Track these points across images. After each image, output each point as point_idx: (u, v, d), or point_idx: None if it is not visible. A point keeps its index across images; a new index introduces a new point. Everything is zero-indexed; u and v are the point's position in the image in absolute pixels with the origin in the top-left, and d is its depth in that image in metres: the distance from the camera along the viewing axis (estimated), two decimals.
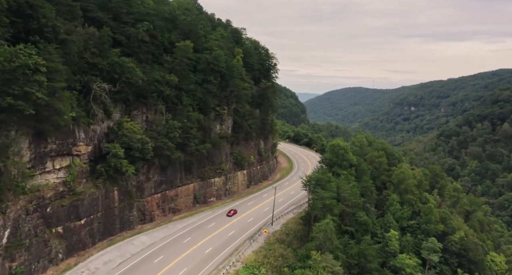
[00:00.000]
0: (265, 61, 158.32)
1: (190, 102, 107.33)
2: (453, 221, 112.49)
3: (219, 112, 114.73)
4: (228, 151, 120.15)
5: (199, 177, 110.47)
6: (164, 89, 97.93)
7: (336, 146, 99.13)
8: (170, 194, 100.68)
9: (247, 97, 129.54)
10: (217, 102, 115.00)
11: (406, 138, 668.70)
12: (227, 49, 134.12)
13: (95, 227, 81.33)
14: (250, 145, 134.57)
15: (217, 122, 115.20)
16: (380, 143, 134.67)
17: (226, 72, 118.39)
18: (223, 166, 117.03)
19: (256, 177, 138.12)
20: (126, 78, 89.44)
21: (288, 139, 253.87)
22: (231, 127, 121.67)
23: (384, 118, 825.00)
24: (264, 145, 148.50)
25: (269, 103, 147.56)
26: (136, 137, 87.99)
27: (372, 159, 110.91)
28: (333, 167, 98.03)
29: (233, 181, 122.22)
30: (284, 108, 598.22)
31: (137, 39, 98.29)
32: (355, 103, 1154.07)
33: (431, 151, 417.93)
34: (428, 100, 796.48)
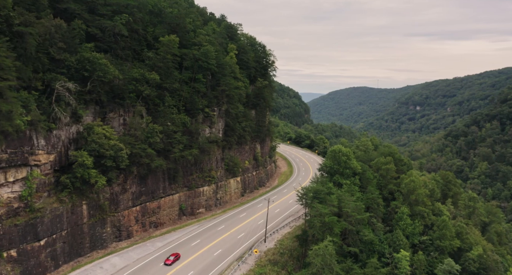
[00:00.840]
0: (262, 58, 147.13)
1: (175, 103, 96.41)
2: (470, 236, 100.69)
3: (208, 114, 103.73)
4: (219, 157, 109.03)
5: (186, 186, 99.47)
6: (143, 89, 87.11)
7: (337, 151, 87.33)
8: (151, 206, 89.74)
9: (240, 98, 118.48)
10: (206, 103, 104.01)
11: (412, 138, 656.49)
12: (219, 45, 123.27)
13: (58, 248, 70.48)
14: (245, 149, 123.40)
15: (206, 125, 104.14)
16: (386, 146, 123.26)
17: (217, 70, 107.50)
18: (213, 173, 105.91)
19: (252, 184, 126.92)
20: (98, 76, 78.78)
21: (289, 141, 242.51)
22: (223, 131, 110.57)
23: (389, 118, 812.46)
24: (260, 148, 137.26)
25: (265, 104, 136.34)
26: (108, 143, 77.17)
27: (378, 166, 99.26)
28: (334, 176, 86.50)
29: (225, 189, 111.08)
30: (287, 109, 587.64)
31: (113, 33, 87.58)
32: (360, 103, 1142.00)
33: (439, 151, 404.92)
34: (433, 99, 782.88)
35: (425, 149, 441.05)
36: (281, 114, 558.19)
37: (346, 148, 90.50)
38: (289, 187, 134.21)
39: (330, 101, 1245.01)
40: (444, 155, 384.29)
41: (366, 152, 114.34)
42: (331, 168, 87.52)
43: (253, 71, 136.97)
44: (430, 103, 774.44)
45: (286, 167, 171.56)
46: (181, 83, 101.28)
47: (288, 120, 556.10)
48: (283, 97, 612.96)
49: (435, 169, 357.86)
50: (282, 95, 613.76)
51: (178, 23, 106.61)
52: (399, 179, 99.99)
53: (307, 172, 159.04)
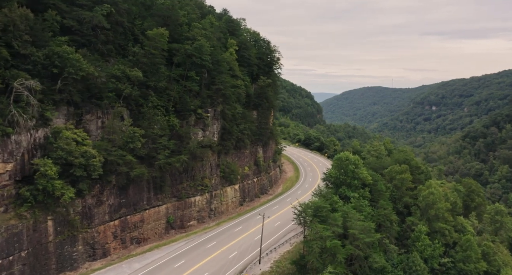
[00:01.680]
0: (266, 55, 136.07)
1: (163, 104, 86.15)
2: (498, 256, 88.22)
3: (201, 115, 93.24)
4: (214, 163, 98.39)
5: (175, 196, 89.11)
6: (123, 87, 77.01)
7: (344, 159, 75.60)
8: (132, 219, 79.58)
9: (239, 97, 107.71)
10: (199, 103, 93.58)
11: (427, 139, 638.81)
12: (217, 40, 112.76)
13: (16, 271, 60.65)
14: (244, 154, 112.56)
15: (198, 128, 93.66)
16: (402, 151, 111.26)
17: (211, 67, 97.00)
18: (207, 181, 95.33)
19: (252, 191, 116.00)
20: (69, 73, 69.01)
21: (298, 143, 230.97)
22: (218, 134, 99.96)
23: (404, 118, 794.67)
24: (263, 152, 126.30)
25: (269, 104, 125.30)
26: (79, 150, 67.22)
27: (392, 175, 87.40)
28: (340, 187, 74.95)
29: (221, 199, 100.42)
30: (298, 109, 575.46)
31: (92, 25, 77.73)
32: (374, 103, 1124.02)
33: (456, 153, 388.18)
34: (450, 99, 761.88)
35: (442, 150, 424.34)
36: (292, 115, 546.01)
37: (354, 155, 78.65)
38: (294, 195, 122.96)
39: (343, 101, 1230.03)
40: (462, 157, 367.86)
41: (378, 157, 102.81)
42: (337, 178, 75.86)
43: (255, 69, 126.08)
44: (446, 103, 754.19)
45: (292, 172, 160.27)
46: (171, 81, 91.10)
47: (299, 121, 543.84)
48: (294, 97, 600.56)
49: (452, 172, 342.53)
50: (293, 95, 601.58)
51: (170, 16, 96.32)
52: (416, 190, 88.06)
53: (314, 178, 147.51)
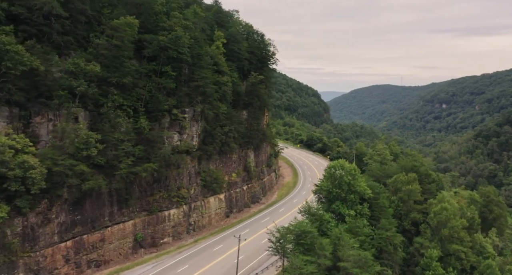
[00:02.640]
0: (259, 49, 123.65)
1: (131, 103, 74.26)
2: None
3: (177, 116, 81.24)
4: (193, 170, 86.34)
5: (145, 209, 77.25)
6: (76, 84, 65.29)
7: (337, 167, 62.86)
8: (90, 239, 67.83)
9: (225, 95, 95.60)
10: (175, 102, 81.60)
11: (437, 138, 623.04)
12: (201, 32, 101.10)
13: None
14: (231, 159, 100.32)
15: (173, 131, 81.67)
16: (409, 155, 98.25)
17: (190, 61, 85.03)
18: (184, 191, 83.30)
19: (241, 201, 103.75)
20: (7, 68, 57.72)
21: (300, 144, 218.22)
22: (198, 137, 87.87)
23: (413, 116, 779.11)
24: (255, 157, 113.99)
25: (261, 103, 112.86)
26: (15, 160, 55.68)
27: (397, 186, 74.44)
28: (334, 203, 62.27)
29: (201, 211, 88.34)
30: (305, 108, 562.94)
31: (45, 13, 66.23)
32: (383, 101, 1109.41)
33: (468, 153, 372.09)
34: (460, 97, 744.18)
35: (453, 150, 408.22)
36: (298, 114, 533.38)
37: (351, 164, 65.75)
38: (288, 204, 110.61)
39: (352, 99, 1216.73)
40: (474, 157, 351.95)
41: (382, 163, 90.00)
42: (329, 191, 63.17)
43: (246, 64, 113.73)
44: (457, 101, 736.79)
45: (290, 176, 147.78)
46: (142, 77, 79.35)
47: (306, 120, 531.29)
48: (301, 96, 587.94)
49: (464, 173, 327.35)
50: (300, 94, 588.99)
51: (143, 3, 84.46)
52: (426, 203, 74.96)
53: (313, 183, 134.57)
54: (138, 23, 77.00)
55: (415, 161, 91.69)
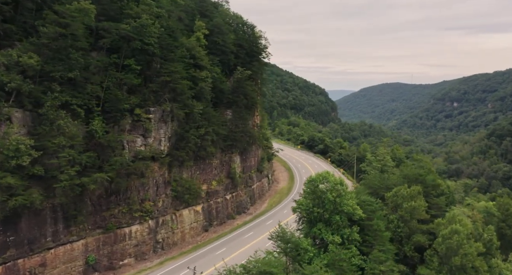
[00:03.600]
0: (249, 42, 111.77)
1: (82, 102, 62.75)
2: None
3: (140, 117, 69.65)
4: (162, 179, 74.63)
5: (99, 226, 65.73)
6: (7, 80, 54.12)
7: (320, 179, 50.17)
8: (27, 263, 56.46)
9: (203, 92, 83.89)
10: (138, 101, 70.06)
11: (448, 137, 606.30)
12: (178, 21, 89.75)
13: None
14: (211, 165, 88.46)
15: (136, 134, 70.08)
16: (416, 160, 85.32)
17: (158, 53, 73.53)
18: (148, 204, 71.60)
19: (224, 212, 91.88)
20: None
21: (301, 145, 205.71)
22: (169, 141, 76.19)
23: (423, 115, 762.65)
24: (241, 162, 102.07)
25: (248, 101, 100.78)
26: None
27: (397, 201, 61.53)
28: (316, 225, 49.78)
29: (172, 226, 76.60)
30: (311, 107, 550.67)
31: None
32: (393, 100, 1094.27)
33: (481, 153, 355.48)
34: (472, 95, 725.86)
35: (465, 150, 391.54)
36: (305, 113, 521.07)
37: (337, 177, 53.12)
38: (278, 214, 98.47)
39: (361, 98, 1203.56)
40: (488, 158, 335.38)
41: (382, 171, 77.38)
42: (310, 211, 50.52)
43: (232, 58, 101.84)
44: (468, 99, 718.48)
45: (286, 181, 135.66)
46: (101, 72, 68.02)
47: (312, 119, 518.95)
48: (307, 95, 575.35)
49: (477, 175, 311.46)
50: (306, 93, 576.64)
51: None
52: (433, 223, 61.86)
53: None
54: (94, 9, 65.68)
55: (421, 168, 78.93)
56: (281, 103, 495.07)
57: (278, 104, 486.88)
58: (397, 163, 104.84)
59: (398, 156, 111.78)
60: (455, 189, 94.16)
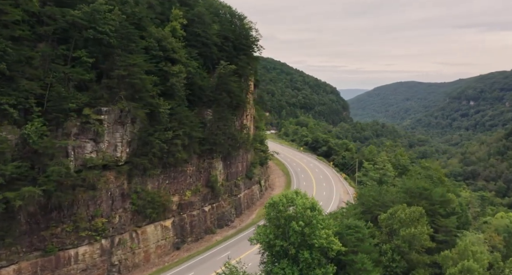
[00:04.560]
0: (237, 34, 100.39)
1: (16, 101, 52.15)
2: None
3: (88, 118, 58.73)
4: (118, 192, 63.61)
5: (37, 248, 54.96)
6: None
7: (284, 202, 37.48)
8: None
9: (174, 89, 72.81)
10: (88, 99, 59.22)
11: (465, 137, 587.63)
12: (148, 8, 78.84)
13: None
14: (184, 173, 77.11)
15: (85, 138, 59.18)
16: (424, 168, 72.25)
17: (115, 43, 62.60)
18: (100, 221, 60.56)
19: (201, 226, 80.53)
20: None
21: (305, 146, 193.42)
22: (129, 146, 65.19)
23: (439, 114, 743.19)
24: (226, 168, 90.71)
25: (232, 100, 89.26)
26: None
27: (392, 226, 48.91)
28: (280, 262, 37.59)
29: (132, 245, 65.57)
30: (322, 106, 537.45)
31: None
32: (407, 99, 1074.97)
33: (498, 155, 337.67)
34: (489, 93, 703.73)
35: (481, 151, 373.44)
36: (315, 112, 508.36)
37: (309, 198, 40.61)
38: None
39: (375, 97, 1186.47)
40: (506, 159, 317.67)
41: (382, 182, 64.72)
42: (271, 244, 38.27)
43: (215, 52, 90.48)
44: (485, 97, 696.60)
45: (282, 187, 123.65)
46: (47, 65, 57.43)
47: (323, 119, 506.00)
48: (318, 94, 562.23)
49: (494, 178, 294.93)
50: (317, 91, 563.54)
51: None
52: (439, 255, 49.15)
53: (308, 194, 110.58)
54: None
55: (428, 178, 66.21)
56: (290, 102, 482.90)
57: (287, 104, 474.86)
58: (401, 170, 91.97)
59: (402, 162, 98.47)
60: (470, 202, 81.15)
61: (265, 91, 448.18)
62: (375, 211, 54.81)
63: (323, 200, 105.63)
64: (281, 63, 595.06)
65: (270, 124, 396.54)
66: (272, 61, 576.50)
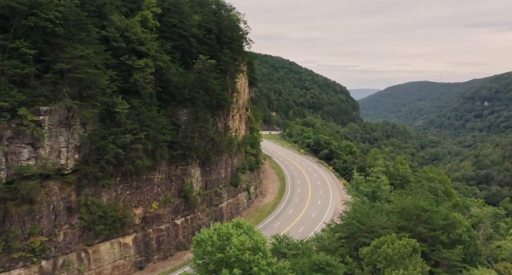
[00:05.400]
0: (221, 26, 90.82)
1: None
2: None
3: (22, 119, 49.68)
4: (63, 205, 54.47)
5: None
6: None
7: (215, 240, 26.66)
8: None
9: (139, 86, 63.64)
10: (25, 98, 50.25)
11: (478, 138, 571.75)
12: None
13: None
14: (151, 181, 67.69)
15: (20, 143, 50.17)
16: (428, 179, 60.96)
17: (62, 33, 53.67)
18: (38, 240, 51.47)
19: (170, 242, 71.07)
20: None
21: (306, 148, 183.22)
22: (78, 152, 56.08)
23: (452, 115, 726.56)
24: (204, 175, 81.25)
25: (212, 99, 79.68)
26: None
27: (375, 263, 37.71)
28: None
29: (80, 267, 56.34)
30: (331, 105, 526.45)
31: None
32: (420, 99, 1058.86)
33: None
34: (505, 94, 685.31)
35: (496, 154, 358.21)
36: (323, 112, 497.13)
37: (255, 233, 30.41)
38: None
39: (387, 97, 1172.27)
40: None
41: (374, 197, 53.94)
42: None
43: (194, 45, 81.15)
44: (500, 98, 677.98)
45: (274, 194, 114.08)
46: None
47: (332, 119, 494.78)
48: (327, 93, 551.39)
49: (509, 182, 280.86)
50: (326, 91, 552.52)
51: None
52: None
53: (299, 206, 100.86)
54: None
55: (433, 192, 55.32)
56: (298, 102, 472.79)
57: (295, 103, 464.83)
58: (400, 182, 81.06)
59: (402, 172, 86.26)
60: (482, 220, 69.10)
61: (272, 90, 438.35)
62: (360, 238, 44.54)
63: (316, 211, 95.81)
64: (290, 62, 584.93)
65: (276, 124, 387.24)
66: (280, 60, 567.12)
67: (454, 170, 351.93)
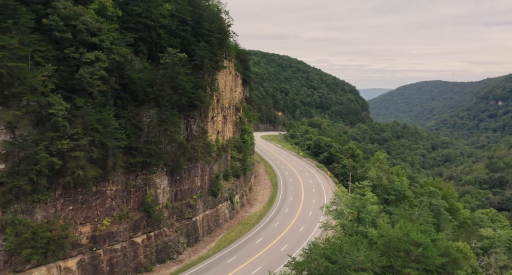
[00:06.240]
0: (198, 16, 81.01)
1: None
2: None
3: None
4: None
5: None
6: None
7: None
8: None
9: (83, 84, 54.22)
10: None
11: (492, 139, 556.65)
12: None
13: None
14: (103, 194, 58.20)
15: None
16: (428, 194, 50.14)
17: None
18: None
19: (128, 264, 61.51)
20: None
21: (306, 151, 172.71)
22: (6, 162, 46.82)
23: (465, 114, 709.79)
24: (174, 184, 71.57)
25: (181, 97, 69.89)
26: None
27: None
28: None
29: None
30: (340, 105, 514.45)
31: None
32: (432, 98, 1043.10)
33: None
34: None
35: (510, 155, 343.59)
36: (331, 112, 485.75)
37: None
38: (223, 262, 67.20)
39: (399, 96, 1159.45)
40: None
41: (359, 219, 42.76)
42: None
43: (164, 37, 71.67)
44: None
45: (264, 202, 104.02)
46: None
47: (340, 119, 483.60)
48: (335, 93, 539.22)
49: None
50: (335, 90, 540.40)
51: None
52: None
53: (289, 217, 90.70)
54: None
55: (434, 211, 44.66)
56: (305, 101, 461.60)
57: (302, 103, 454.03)
58: (394, 197, 69.75)
59: (397, 187, 73.77)
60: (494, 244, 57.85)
61: (278, 89, 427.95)
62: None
63: (305, 224, 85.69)
64: (298, 61, 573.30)
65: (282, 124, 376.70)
66: (288, 59, 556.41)
67: (466, 173, 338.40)
